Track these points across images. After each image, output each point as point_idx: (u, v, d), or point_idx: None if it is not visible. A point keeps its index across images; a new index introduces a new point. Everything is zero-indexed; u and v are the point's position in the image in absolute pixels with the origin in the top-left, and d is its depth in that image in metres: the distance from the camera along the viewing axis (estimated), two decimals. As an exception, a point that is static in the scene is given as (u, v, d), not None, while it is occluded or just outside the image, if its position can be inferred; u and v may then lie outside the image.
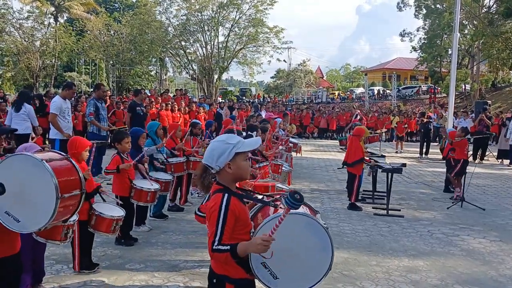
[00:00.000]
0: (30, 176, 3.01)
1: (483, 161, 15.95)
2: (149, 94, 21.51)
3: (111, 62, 43.88)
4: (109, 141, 12.01)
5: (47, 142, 11.54)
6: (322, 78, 71.01)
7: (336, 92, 58.36)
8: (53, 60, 42.46)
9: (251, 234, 2.67)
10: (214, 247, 2.45)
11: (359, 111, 20.05)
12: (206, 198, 3.26)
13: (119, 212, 4.87)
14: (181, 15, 39.68)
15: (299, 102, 46.65)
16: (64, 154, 3.58)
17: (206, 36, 39.91)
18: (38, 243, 4.10)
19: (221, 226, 2.47)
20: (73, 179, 3.40)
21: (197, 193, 8.84)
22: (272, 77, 64.37)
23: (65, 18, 47.17)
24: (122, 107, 15.72)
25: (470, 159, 12.90)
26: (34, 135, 9.77)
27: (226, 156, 2.60)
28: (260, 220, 2.86)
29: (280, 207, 2.79)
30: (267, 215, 2.88)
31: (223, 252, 2.44)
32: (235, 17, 39.25)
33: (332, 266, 2.75)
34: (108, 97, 15.53)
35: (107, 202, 5.05)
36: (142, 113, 11.15)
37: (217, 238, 2.45)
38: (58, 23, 44.23)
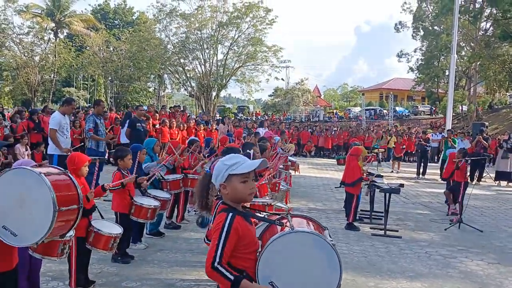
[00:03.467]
0: (29, 189, 3.01)
1: (480, 183, 15.96)
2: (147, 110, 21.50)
3: (109, 78, 44.06)
4: (107, 157, 12.02)
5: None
6: (320, 97, 71.32)
7: (334, 111, 58.59)
8: (52, 75, 42.63)
9: (257, 253, 2.65)
10: (214, 265, 2.42)
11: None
12: (212, 221, 3.23)
13: (117, 230, 4.84)
14: (181, 33, 39.97)
15: (296, 121, 46.79)
16: (63, 169, 3.57)
17: (205, 54, 40.17)
18: (34, 259, 4.06)
19: (222, 243, 2.45)
20: (71, 194, 3.38)
21: (194, 210, 8.79)
22: (270, 95, 64.59)
23: (65, 33, 47.61)
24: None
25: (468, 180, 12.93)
26: None
27: (220, 177, 2.61)
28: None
29: (286, 226, 2.77)
30: (274, 233, 2.84)
31: (223, 277, 2.42)
32: (234, 36, 39.56)
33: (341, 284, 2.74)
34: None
35: (105, 219, 5.02)
36: (142, 129, 11.17)
37: (217, 255, 2.43)
38: (58, 38, 44.57)
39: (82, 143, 12.88)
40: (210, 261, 2.43)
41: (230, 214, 2.53)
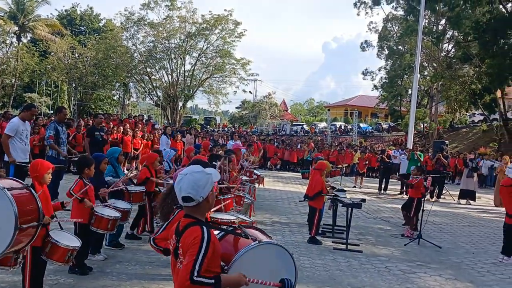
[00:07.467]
0: None
1: (440, 200, 16.31)
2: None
3: (73, 84, 43.23)
4: (67, 165, 11.73)
5: None
6: (286, 111, 71.88)
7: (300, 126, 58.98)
8: (13, 80, 41.49)
9: (225, 268, 2.66)
10: (194, 278, 2.39)
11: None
12: (164, 227, 3.17)
13: (76, 242, 4.67)
14: (148, 42, 39.73)
15: (263, 134, 46.91)
16: (24, 183, 3.45)
17: (173, 64, 40.00)
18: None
19: (201, 256, 2.42)
20: (32, 209, 3.26)
21: (156, 222, 8.65)
22: (237, 107, 64.70)
23: (28, 38, 46.43)
24: (82, 131, 15.42)
25: (427, 197, 13.20)
26: None
27: (209, 186, 2.61)
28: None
29: (251, 238, 2.83)
30: (231, 245, 2.88)
31: (206, 285, 2.41)
32: (203, 47, 39.59)
33: None
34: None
35: (64, 230, 4.86)
36: (101, 138, 10.97)
37: (196, 269, 2.40)
38: (21, 42, 43.45)
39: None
40: (188, 275, 2.39)
41: (205, 228, 2.52)
